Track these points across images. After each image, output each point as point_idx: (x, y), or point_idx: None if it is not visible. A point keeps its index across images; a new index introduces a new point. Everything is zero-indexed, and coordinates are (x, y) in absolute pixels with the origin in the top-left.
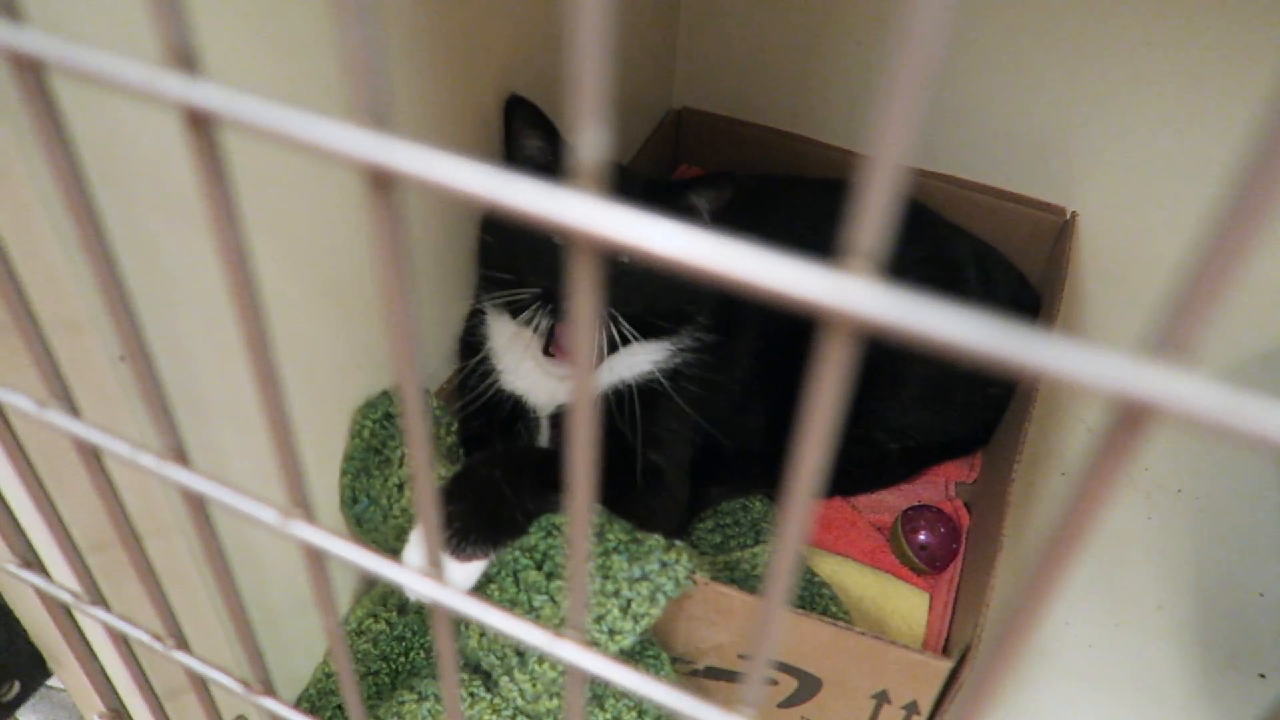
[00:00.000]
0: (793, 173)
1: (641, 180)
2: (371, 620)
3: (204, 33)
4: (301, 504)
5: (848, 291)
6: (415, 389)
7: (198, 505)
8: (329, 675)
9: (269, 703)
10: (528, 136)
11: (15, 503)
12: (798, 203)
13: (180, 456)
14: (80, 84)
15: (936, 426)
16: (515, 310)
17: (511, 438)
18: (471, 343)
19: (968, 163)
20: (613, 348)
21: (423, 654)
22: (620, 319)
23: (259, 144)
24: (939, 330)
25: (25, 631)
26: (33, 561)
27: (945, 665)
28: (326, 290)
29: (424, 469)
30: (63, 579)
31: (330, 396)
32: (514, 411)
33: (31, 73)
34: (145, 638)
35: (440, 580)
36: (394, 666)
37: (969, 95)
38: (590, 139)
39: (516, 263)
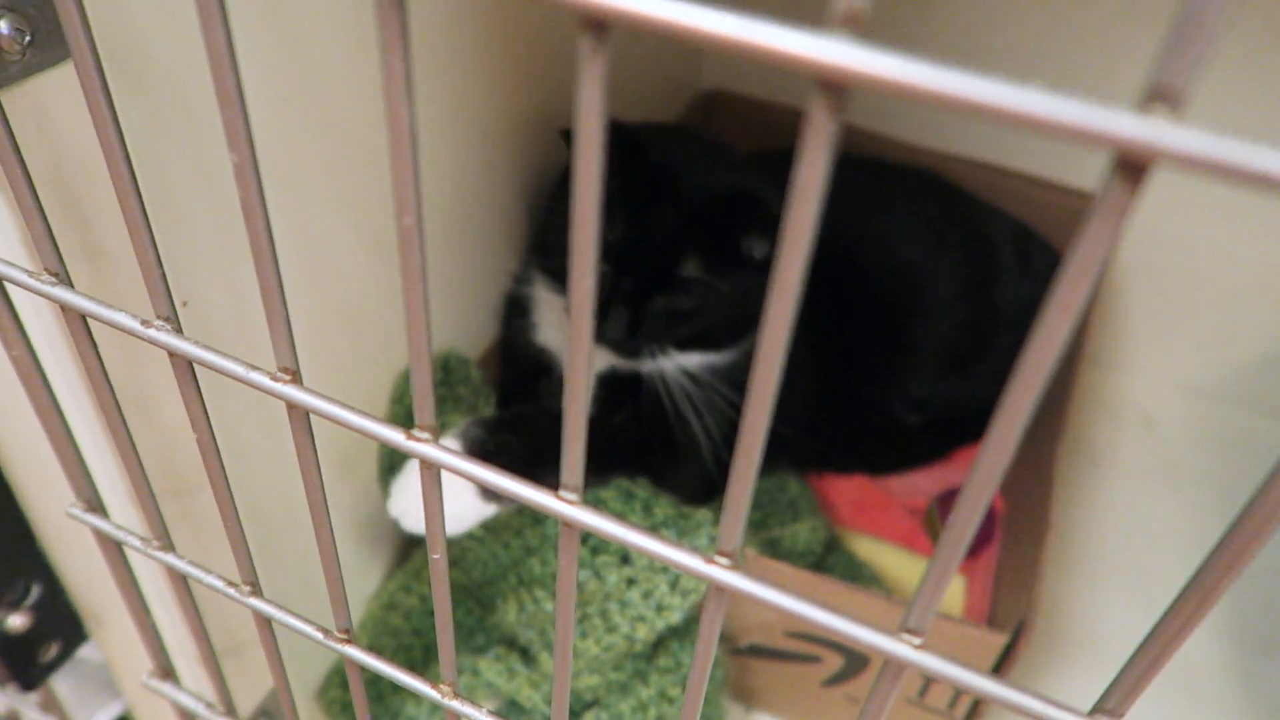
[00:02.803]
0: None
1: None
2: (404, 594)
3: None
4: (429, 427)
5: (1156, 130)
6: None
7: (305, 429)
8: None
9: (350, 651)
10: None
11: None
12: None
13: (297, 377)
14: None
15: (957, 398)
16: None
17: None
18: (517, 302)
19: (1005, 149)
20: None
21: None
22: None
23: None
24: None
25: (65, 591)
26: (97, 506)
27: (1000, 640)
28: (376, 248)
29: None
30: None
31: (375, 360)
32: (559, 378)
33: None
34: (219, 584)
35: (580, 505)
36: (426, 641)
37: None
38: None
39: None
